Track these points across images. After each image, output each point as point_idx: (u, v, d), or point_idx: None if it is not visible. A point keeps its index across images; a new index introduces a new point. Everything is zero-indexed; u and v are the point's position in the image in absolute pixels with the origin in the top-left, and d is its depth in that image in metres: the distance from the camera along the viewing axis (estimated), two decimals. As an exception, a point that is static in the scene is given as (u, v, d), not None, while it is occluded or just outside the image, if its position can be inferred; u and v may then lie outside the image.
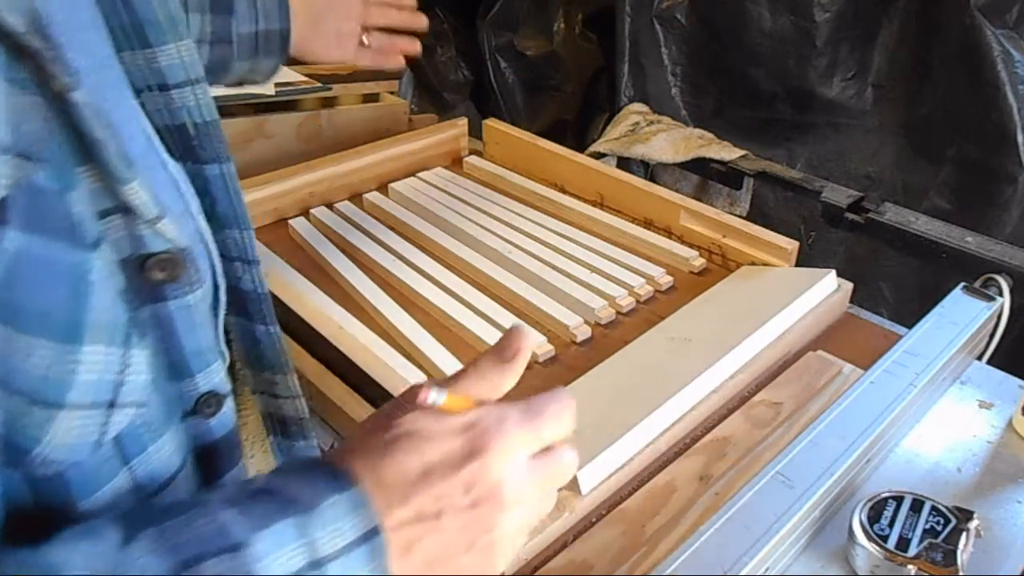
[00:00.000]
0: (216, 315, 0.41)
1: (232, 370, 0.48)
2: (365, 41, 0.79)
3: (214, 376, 0.39)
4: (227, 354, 0.44)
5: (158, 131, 0.39)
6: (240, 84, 0.73)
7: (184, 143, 0.40)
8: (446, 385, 0.37)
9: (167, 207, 0.34)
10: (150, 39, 0.37)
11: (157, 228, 0.33)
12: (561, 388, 0.39)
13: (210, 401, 0.39)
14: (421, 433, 0.35)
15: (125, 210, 0.32)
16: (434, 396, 0.36)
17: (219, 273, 0.41)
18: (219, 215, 0.43)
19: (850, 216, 1.05)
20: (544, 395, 0.38)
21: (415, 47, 0.83)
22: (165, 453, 0.36)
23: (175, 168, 0.38)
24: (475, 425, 0.35)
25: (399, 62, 0.83)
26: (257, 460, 0.52)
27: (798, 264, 0.83)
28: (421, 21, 0.83)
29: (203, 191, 0.41)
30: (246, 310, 0.46)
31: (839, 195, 1.07)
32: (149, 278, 0.33)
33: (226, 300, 0.45)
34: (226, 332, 0.46)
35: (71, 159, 0.30)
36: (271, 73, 0.73)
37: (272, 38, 0.69)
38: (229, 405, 0.40)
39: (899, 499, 0.54)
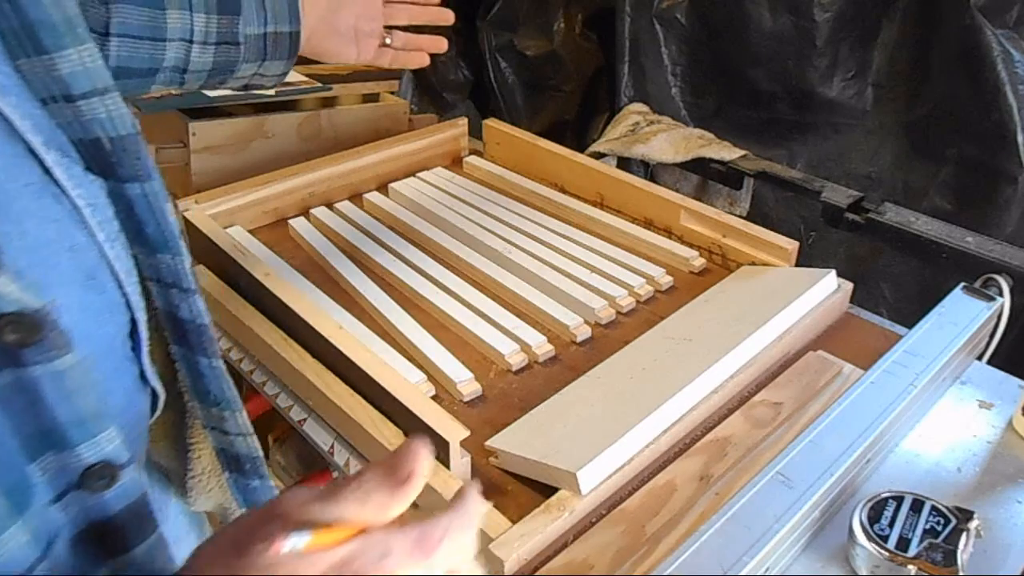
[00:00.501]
0: (137, 352, 0.39)
1: (181, 401, 0.46)
2: (387, 40, 0.75)
3: (105, 446, 0.34)
4: (160, 392, 0.42)
5: (74, 145, 0.36)
6: (246, 88, 0.71)
7: (101, 159, 0.37)
8: (321, 503, 0.30)
9: (17, 259, 0.30)
10: (46, 44, 0.34)
11: None
12: (465, 501, 0.32)
13: (101, 473, 0.34)
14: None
15: None
16: (292, 544, 0.29)
17: (137, 306, 0.38)
18: (148, 238, 0.40)
19: (850, 216, 1.04)
20: (443, 517, 0.32)
21: (440, 44, 0.79)
22: (11, 548, 0.31)
23: (85, 189, 0.35)
24: (350, 562, 0.29)
25: (423, 61, 0.79)
26: (215, 495, 0.50)
27: (798, 264, 0.83)
28: (447, 16, 0.78)
29: (128, 212, 0.38)
30: (187, 340, 0.43)
31: (839, 195, 1.07)
32: (2, 340, 0.29)
33: (168, 328, 0.43)
34: (173, 361, 0.44)
35: None
36: (280, 77, 0.71)
37: (281, 41, 0.66)
38: (130, 475, 0.35)
39: (899, 499, 0.54)
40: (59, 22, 0.35)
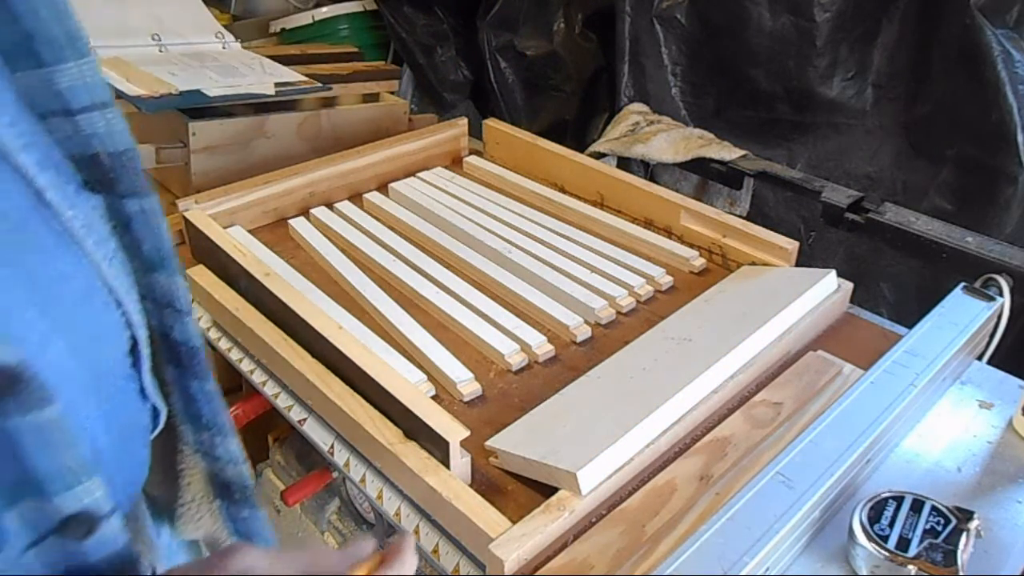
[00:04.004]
0: (138, 369, 0.38)
1: (173, 424, 0.45)
2: None
3: (84, 497, 0.33)
4: (161, 407, 0.41)
5: (71, 161, 0.35)
6: None
7: (99, 174, 0.36)
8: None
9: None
10: (44, 57, 0.34)
11: None
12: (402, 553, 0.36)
13: (80, 522, 0.33)
14: None
15: None
16: None
17: (137, 324, 0.38)
18: (144, 256, 0.39)
19: (850, 216, 1.04)
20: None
21: None
22: None
23: (80, 209, 0.34)
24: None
25: None
26: (205, 523, 0.48)
27: (798, 264, 0.83)
28: None
29: (125, 228, 0.38)
30: (179, 361, 0.43)
31: (839, 195, 1.07)
32: None
33: (162, 348, 0.42)
34: (164, 383, 0.43)
35: None
36: None
37: None
38: (113, 524, 0.34)
39: (899, 499, 0.54)
40: (59, 35, 0.34)
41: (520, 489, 0.60)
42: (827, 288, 0.77)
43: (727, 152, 1.21)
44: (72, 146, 0.35)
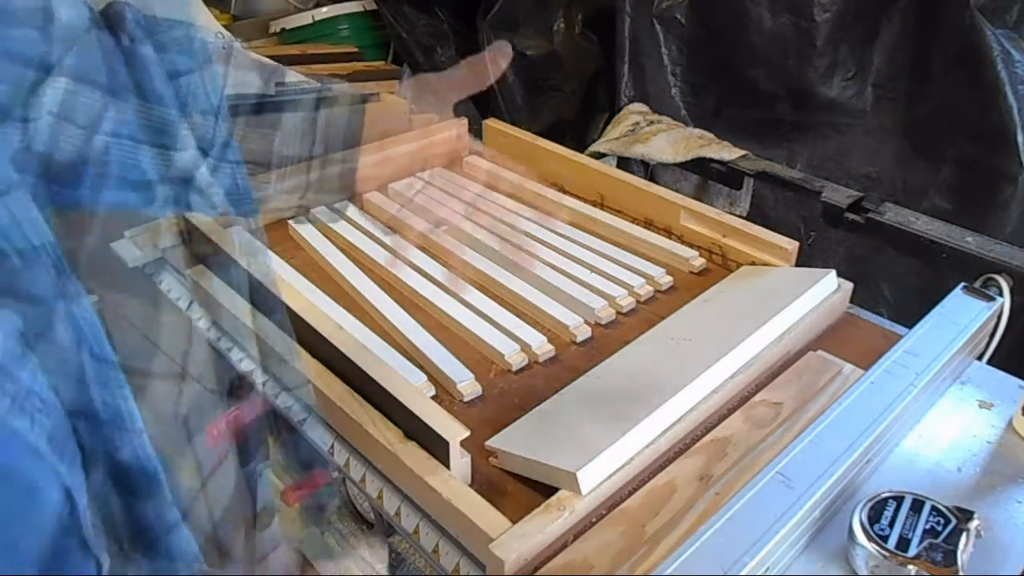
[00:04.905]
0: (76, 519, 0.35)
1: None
2: None
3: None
4: (103, 560, 0.37)
5: None
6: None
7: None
8: None
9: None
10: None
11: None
12: None
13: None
14: None
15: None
16: None
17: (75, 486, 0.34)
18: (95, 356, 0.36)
19: (850, 216, 1.05)
20: None
21: None
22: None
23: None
24: None
25: None
26: None
27: (798, 264, 0.83)
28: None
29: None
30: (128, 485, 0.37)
31: (839, 195, 1.07)
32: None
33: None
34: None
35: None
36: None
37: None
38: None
39: (899, 499, 0.54)
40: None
41: (520, 489, 0.60)
42: (827, 288, 0.77)
43: (727, 152, 1.21)
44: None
